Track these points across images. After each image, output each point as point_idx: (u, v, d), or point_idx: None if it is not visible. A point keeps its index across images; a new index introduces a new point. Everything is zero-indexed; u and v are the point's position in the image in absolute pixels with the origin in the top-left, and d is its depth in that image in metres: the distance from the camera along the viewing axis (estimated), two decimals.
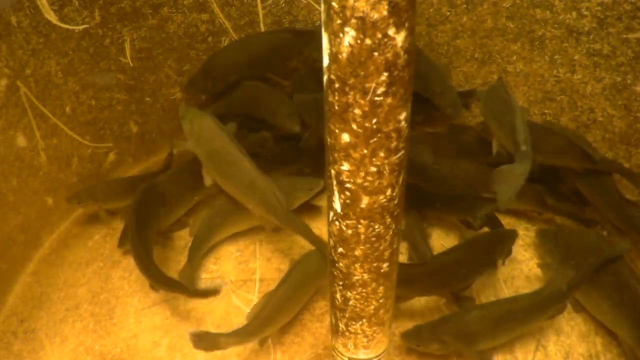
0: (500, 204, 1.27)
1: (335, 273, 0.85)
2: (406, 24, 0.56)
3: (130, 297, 1.49)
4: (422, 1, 1.62)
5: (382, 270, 0.81)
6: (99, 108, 1.63)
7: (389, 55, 0.57)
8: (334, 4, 0.55)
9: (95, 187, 1.64)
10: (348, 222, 0.74)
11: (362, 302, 0.86)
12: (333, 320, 0.96)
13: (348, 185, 0.70)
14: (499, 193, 1.27)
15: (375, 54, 0.57)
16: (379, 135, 0.64)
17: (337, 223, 0.76)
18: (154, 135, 1.80)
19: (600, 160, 1.45)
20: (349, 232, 0.75)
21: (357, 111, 0.62)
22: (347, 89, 0.60)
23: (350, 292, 0.85)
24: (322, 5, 0.57)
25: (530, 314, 1.29)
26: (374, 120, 0.62)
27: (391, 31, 0.55)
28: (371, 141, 0.64)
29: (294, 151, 1.68)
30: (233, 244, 1.61)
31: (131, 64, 1.62)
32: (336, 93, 0.62)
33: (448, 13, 1.64)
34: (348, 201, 0.71)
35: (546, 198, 1.55)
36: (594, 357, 1.35)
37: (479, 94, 1.56)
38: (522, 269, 1.54)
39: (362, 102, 0.61)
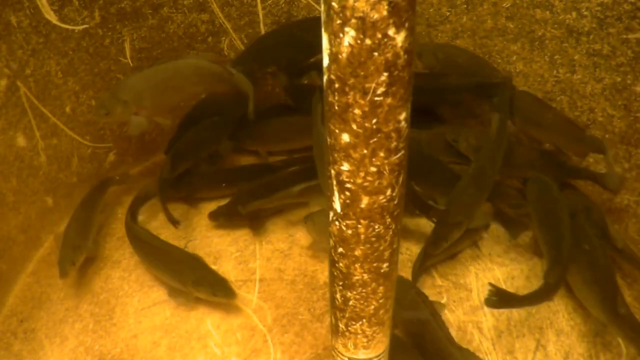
0: None
1: (335, 273, 0.85)
2: (406, 24, 0.56)
3: (130, 297, 1.49)
4: (422, 1, 1.62)
5: (382, 271, 0.82)
6: None
7: (389, 55, 0.57)
8: (333, 4, 0.55)
9: (69, 236, 1.50)
10: (348, 222, 0.74)
11: (362, 302, 0.86)
12: (333, 320, 0.96)
13: (348, 185, 0.70)
14: None
15: (375, 54, 0.57)
16: (379, 135, 0.64)
17: (337, 223, 0.76)
18: (154, 135, 1.80)
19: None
20: (349, 232, 0.75)
21: (357, 111, 0.62)
22: (347, 89, 0.60)
23: (350, 292, 0.85)
24: (322, 6, 0.57)
25: None
26: (374, 121, 0.62)
27: (391, 31, 0.55)
28: (371, 141, 0.64)
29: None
30: (233, 244, 1.61)
31: (131, 64, 1.61)
32: (336, 93, 0.62)
33: (448, 13, 1.64)
34: (348, 201, 0.72)
35: None
36: (594, 357, 1.35)
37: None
38: (522, 268, 1.54)
39: (362, 102, 0.61)
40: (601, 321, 1.33)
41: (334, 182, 0.71)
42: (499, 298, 1.29)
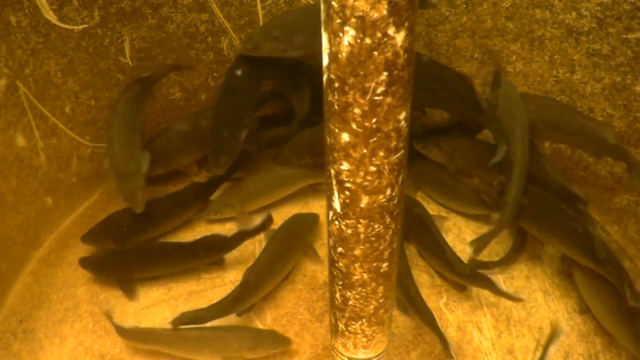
0: None
1: (335, 273, 0.85)
2: (406, 24, 0.56)
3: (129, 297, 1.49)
4: None
5: (381, 270, 0.82)
6: (98, 108, 1.63)
7: (388, 54, 0.57)
8: (333, 3, 0.55)
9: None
10: (347, 221, 0.74)
11: (361, 301, 0.86)
12: (332, 320, 0.96)
13: (347, 184, 0.70)
14: None
15: (375, 53, 0.57)
16: (379, 134, 0.64)
17: (336, 223, 0.76)
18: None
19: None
20: (349, 231, 0.75)
21: (357, 111, 0.62)
22: (346, 88, 0.60)
23: (350, 292, 0.85)
24: (322, 5, 0.57)
25: None
26: (374, 120, 0.62)
27: (391, 30, 0.55)
28: (371, 141, 0.64)
29: None
30: None
31: (131, 64, 1.61)
32: (336, 92, 0.62)
33: (448, 13, 1.64)
34: (347, 201, 0.72)
35: None
36: (594, 357, 1.35)
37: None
38: (522, 269, 1.54)
39: (362, 101, 0.61)
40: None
41: (334, 182, 0.71)
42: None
